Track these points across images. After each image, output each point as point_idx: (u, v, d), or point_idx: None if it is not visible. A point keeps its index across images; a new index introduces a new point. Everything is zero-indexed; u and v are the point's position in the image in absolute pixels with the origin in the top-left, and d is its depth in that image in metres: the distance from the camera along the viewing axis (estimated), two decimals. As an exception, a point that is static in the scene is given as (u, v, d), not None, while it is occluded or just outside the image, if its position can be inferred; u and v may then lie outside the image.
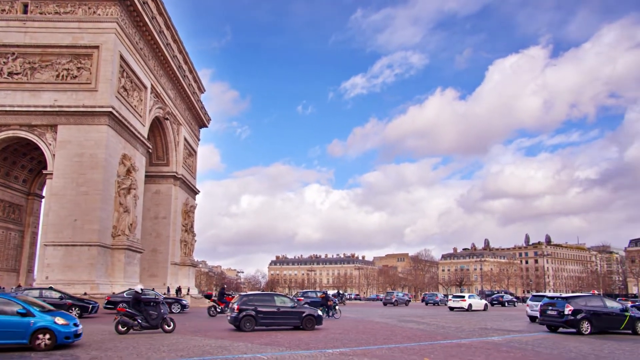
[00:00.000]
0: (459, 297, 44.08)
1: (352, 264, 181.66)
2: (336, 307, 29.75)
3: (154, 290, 32.35)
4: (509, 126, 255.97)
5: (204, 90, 60.22)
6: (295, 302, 21.27)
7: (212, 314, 28.67)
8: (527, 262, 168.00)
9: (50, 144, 33.61)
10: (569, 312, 20.07)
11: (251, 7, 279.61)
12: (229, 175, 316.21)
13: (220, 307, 29.25)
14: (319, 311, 21.29)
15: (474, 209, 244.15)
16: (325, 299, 30.33)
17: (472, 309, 41.28)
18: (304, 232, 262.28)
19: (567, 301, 20.58)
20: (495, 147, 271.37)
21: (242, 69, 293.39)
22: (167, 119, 46.47)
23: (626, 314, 21.04)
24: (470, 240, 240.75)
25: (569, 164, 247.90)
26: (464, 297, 43.81)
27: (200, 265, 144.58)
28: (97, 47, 34.07)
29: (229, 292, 39.58)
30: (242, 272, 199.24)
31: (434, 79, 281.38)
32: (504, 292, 69.30)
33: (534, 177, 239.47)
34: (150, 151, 42.67)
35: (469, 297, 43.73)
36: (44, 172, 34.21)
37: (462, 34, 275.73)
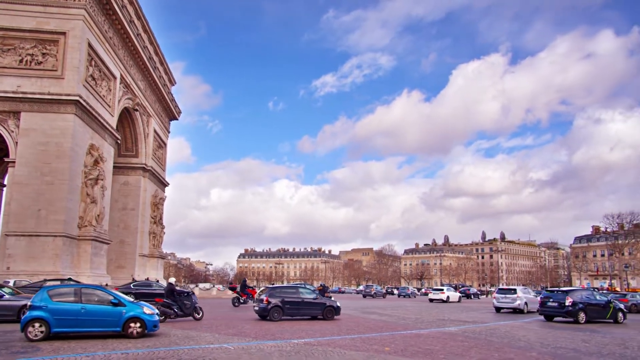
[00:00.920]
0: (438, 290, 48.70)
1: (319, 257, 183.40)
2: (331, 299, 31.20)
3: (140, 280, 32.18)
4: (469, 128, 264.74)
5: (175, 82, 59.45)
6: (317, 294, 22.79)
7: (236, 304, 31.07)
8: (483, 257, 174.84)
9: (12, 131, 32.60)
10: (570, 303, 22.25)
11: (225, 3, 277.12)
12: (200, 168, 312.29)
13: (242, 299, 31.73)
14: (338, 302, 22.88)
15: (436, 207, 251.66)
16: (322, 291, 31.70)
17: (449, 301, 45.72)
18: (273, 226, 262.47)
19: (567, 294, 22.86)
20: (456, 147, 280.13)
21: (215, 63, 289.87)
22: (136, 110, 45.79)
23: (610, 305, 23.48)
24: (431, 236, 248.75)
25: (523, 165, 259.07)
26: (443, 290, 48.41)
27: (169, 257, 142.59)
28: (63, 33, 33.16)
29: (250, 285, 42.72)
30: (211, 265, 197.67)
31: (401, 81, 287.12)
32: (470, 286, 77.50)
33: (492, 178, 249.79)
34: (119, 142, 42.00)
35: (447, 290, 48.31)
36: (6, 159, 33.22)
37: (428, 39, 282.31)
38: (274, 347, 12.38)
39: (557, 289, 27.30)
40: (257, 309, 20.87)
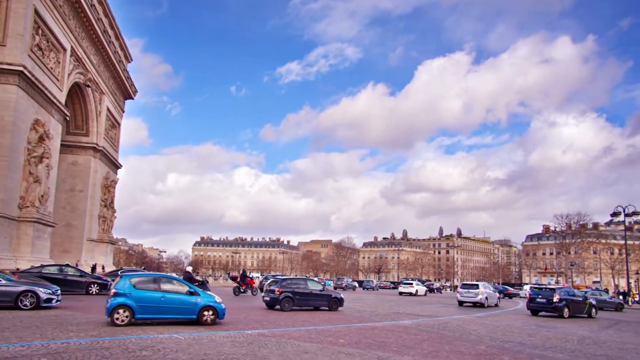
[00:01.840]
0: (408, 284, 50.90)
1: (277, 248, 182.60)
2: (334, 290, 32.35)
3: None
4: (432, 124, 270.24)
5: (131, 59, 56.66)
6: (323, 286, 23.94)
7: (237, 293, 32.85)
8: (439, 253, 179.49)
9: (-54, 101, 29.88)
10: (557, 300, 24.21)
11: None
12: (156, 151, 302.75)
13: (242, 288, 33.50)
14: (342, 294, 24.16)
15: (396, 201, 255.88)
16: (242, 276, 33.03)
17: (418, 294, 48.30)
18: (231, 214, 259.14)
19: (555, 291, 24.91)
20: (419, 143, 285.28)
21: (176, 43, 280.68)
22: (88, 86, 43.19)
23: (587, 302, 25.97)
24: (390, 229, 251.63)
25: (482, 163, 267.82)
26: (412, 284, 50.94)
27: (119, 242, 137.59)
28: (7, -3, 30.57)
29: (249, 275, 44.99)
30: (165, 252, 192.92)
31: (366, 73, 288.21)
32: (433, 282, 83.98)
33: (452, 174, 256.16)
34: (67, 119, 39.44)
35: (416, 285, 50.99)
36: (-62, 132, 30.40)
37: (395, 32, 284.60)
38: (226, 338, 11.98)
39: (544, 285, 30.48)
40: (267, 299, 21.75)
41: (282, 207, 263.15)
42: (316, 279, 32.06)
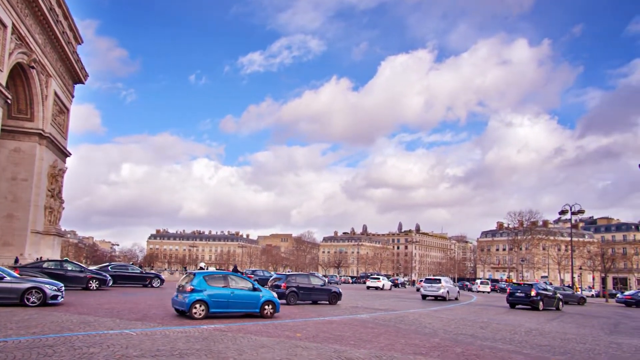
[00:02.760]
0: (375, 279, 53.42)
1: (236, 241, 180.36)
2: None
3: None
4: (394, 120, 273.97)
5: (82, 41, 53.51)
6: (324, 281, 25.63)
7: None
8: (398, 248, 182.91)
9: None
10: (534, 295, 26.98)
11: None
12: (110, 140, 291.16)
13: None
14: (340, 289, 25.64)
15: (357, 196, 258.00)
16: (234, 272, 32.41)
17: (384, 288, 50.67)
18: (189, 206, 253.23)
19: (532, 287, 27.82)
20: (380, 139, 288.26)
21: (133, 27, 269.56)
22: (32, 68, 40.33)
23: (556, 297, 29.01)
24: (350, 224, 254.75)
25: (441, 161, 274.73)
26: (379, 278, 53.72)
27: (68, 235, 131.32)
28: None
29: (240, 271, 45.34)
30: (118, 245, 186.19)
31: (330, 67, 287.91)
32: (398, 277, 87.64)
33: (411, 171, 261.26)
34: (9, 102, 36.70)
35: (383, 279, 53.86)
36: None
37: (359, 27, 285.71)
38: (181, 333, 11.66)
39: (524, 282, 34.12)
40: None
41: (242, 201, 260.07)
42: (318, 275, 33.51)
